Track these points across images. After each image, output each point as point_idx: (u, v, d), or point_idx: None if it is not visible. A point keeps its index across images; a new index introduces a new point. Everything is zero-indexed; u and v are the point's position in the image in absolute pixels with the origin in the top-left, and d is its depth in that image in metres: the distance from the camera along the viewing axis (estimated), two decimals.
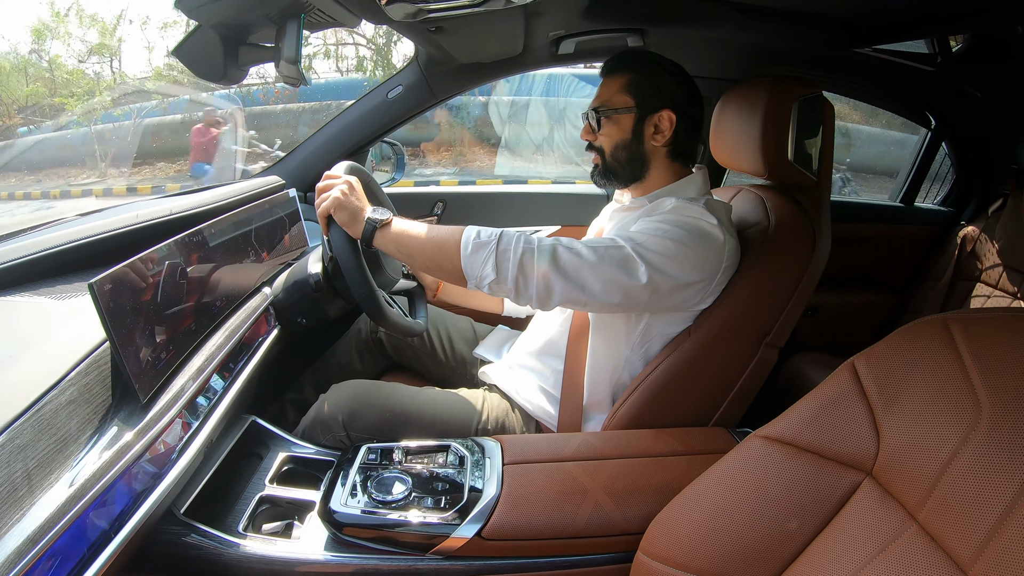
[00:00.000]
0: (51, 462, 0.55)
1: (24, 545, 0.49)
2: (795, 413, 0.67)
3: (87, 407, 0.61)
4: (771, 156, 1.01)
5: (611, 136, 1.04)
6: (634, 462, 0.88)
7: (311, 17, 0.91)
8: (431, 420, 1.07)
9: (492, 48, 1.37)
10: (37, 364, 0.59)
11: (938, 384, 0.57)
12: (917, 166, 1.98)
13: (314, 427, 1.06)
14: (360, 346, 1.37)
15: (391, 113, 1.53)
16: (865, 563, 0.56)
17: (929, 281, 1.85)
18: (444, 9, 0.88)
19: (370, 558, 0.78)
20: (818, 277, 1.00)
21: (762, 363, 0.99)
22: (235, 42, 0.95)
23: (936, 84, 1.64)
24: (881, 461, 0.60)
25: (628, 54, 1.07)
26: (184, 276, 0.80)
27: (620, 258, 0.89)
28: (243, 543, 0.78)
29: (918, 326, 0.62)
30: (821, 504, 0.63)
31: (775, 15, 1.17)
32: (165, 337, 0.73)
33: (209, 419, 0.78)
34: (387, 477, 0.83)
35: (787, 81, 1.01)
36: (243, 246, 1.01)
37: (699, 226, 0.93)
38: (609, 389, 1.06)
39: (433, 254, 0.92)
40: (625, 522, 0.80)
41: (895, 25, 1.18)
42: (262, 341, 1.00)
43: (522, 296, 0.90)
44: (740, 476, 0.68)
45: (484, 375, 1.21)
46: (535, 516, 0.79)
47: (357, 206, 0.94)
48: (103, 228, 0.86)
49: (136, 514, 0.62)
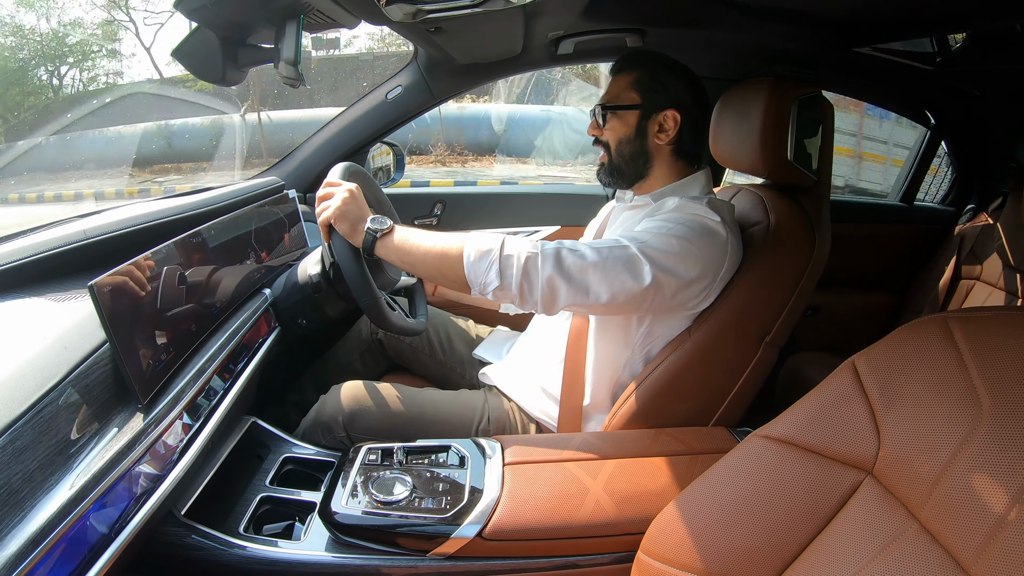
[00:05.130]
0: (51, 464, 0.55)
1: (25, 547, 0.48)
2: (795, 412, 0.67)
3: (87, 409, 0.61)
4: (771, 156, 1.01)
5: (616, 132, 1.05)
6: (635, 462, 0.88)
7: (310, 18, 0.91)
8: (431, 421, 1.07)
9: (491, 48, 1.37)
10: (37, 366, 0.59)
11: (939, 383, 0.57)
12: (917, 165, 1.98)
13: (314, 428, 1.06)
14: (361, 347, 1.37)
15: (391, 114, 1.53)
16: (866, 562, 0.56)
17: (929, 280, 1.85)
18: (443, 9, 0.88)
19: (371, 559, 0.78)
20: (818, 276, 1.00)
21: (762, 363, 0.99)
22: (234, 43, 0.95)
23: (936, 83, 1.64)
24: (882, 460, 0.60)
25: (638, 53, 1.08)
26: (184, 277, 0.80)
27: (625, 258, 0.89)
28: (244, 544, 0.78)
29: (918, 325, 0.62)
30: (822, 503, 0.62)
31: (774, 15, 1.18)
32: (165, 338, 0.73)
33: (209, 420, 0.78)
34: (388, 478, 0.83)
35: (786, 81, 1.01)
36: (243, 247, 1.01)
37: (703, 223, 0.93)
38: (609, 389, 1.06)
39: (436, 263, 0.91)
40: (626, 522, 0.80)
41: (894, 24, 1.18)
42: (262, 342, 1.00)
43: (527, 302, 0.90)
44: (741, 476, 0.68)
45: (484, 376, 1.21)
46: (536, 516, 0.79)
47: (357, 215, 0.93)
48: (103, 229, 0.86)
49: (137, 516, 0.62)
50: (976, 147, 1.90)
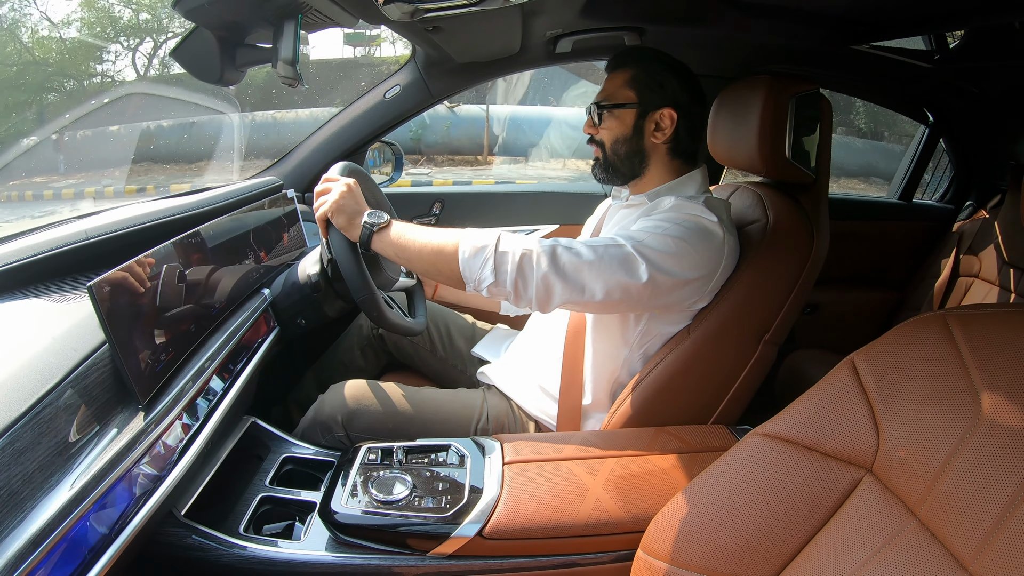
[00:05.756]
0: (51, 465, 0.55)
1: (25, 548, 0.48)
2: (795, 410, 0.67)
3: (87, 410, 0.61)
4: (768, 153, 1.01)
5: (612, 130, 1.04)
6: (634, 460, 0.88)
7: (308, 18, 0.91)
8: (431, 420, 1.07)
9: (490, 47, 1.37)
10: (36, 366, 0.59)
11: (938, 380, 0.57)
12: (915, 163, 1.98)
13: (313, 427, 1.06)
14: (362, 343, 1.37)
15: (389, 113, 1.53)
16: (866, 560, 0.57)
17: (928, 277, 1.86)
18: (441, 9, 0.88)
19: (371, 558, 0.78)
20: (817, 274, 1.00)
21: (761, 360, 0.99)
22: (232, 43, 0.95)
23: (934, 81, 1.64)
24: (881, 458, 0.60)
25: (634, 50, 1.07)
26: (183, 277, 0.80)
27: (620, 256, 0.89)
28: (244, 544, 0.78)
29: (917, 322, 0.62)
30: (821, 501, 0.63)
31: (772, 12, 1.18)
32: (164, 339, 0.73)
33: (209, 420, 0.78)
34: (387, 477, 0.83)
35: (784, 78, 1.01)
36: (242, 247, 1.01)
37: (699, 223, 0.93)
38: (608, 388, 1.06)
39: (431, 258, 0.91)
40: (626, 520, 0.80)
41: (892, 22, 1.18)
42: (261, 342, 1.00)
43: (521, 299, 0.90)
44: (740, 473, 0.68)
45: (483, 375, 1.21)
46: (536, 515, 0.79)
47: (355, 209, 0.94)
48: (101, 229, 0.85)
49: (137, 516, 0.62)
50: (974, 144, 1.90)
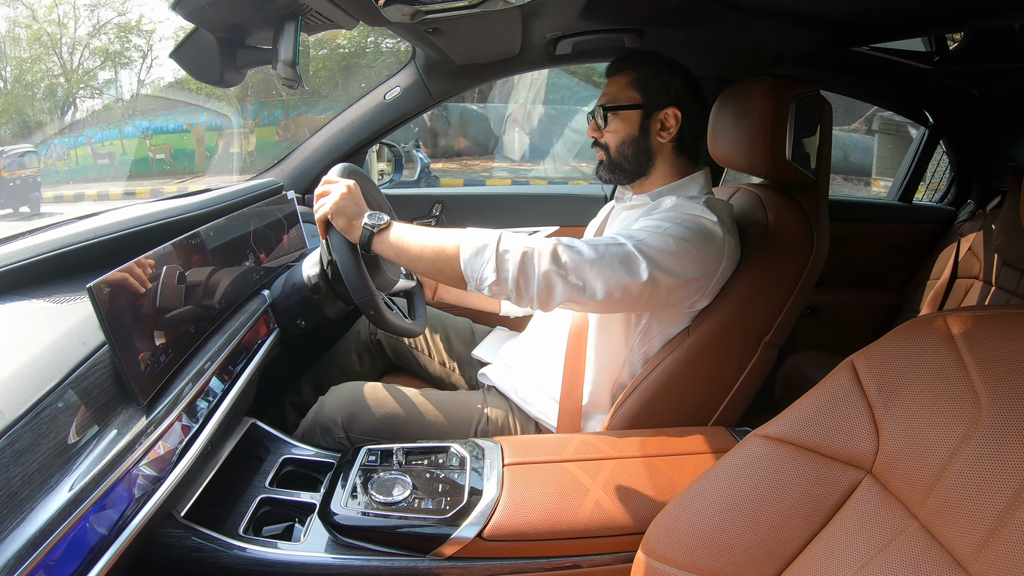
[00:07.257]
0: (50, 466, 0.55)
1: (24, 549, 0.48)
2: (795, 412, 0.67)
3: (87, 411, 0.61)
4: (769, 155, 1.02)
5: (617, 132, 1.05)
6: (634, 462, 0.88)
7: (308, 19, 0.91)
8: (430, 421, 1.07)
9: (490, 49, 1.37)
10: (36, 367, 0.59)
11: (937, 381, 0.57)
12: (915, 164, 1.98)
13: (313, 429, 1.06)
14: (360, 348, 1.37)
15: (389, 115, 1.53)
16: (866, 561, 0.56)
17: (928, 279, 1.86)
18: (441, 10, 0.88)
19: (371, 560, 0.78)
20: (817, 276, 1.00)
21: (761, 362, 0.99)
22: (232, 45, 0.95)
23: (933, 83, 1.64)
24: (881, 459, 0.60)
25: (634, 53, 1.08)
26: (183, 279, 0.80)
27: (621, 255, 0.89)
28: (243, 546, 0.78)
29: (917, 324, 0.62)
30: (821, 502, 0.62)
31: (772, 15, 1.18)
32: (164, 340, 0.73)
33: (209, 422, 0.78)
34: (387, 479, 0.83)
35: (784, 80, 1.01)
36: (241, 248, 1.01)
37: (700, 223, 0.93)
38: (608, 389, 1.06)
39: (432, 258, 0.91)
40: (625, 522, 0.80)
41: (892, 24, 1.18)
42: (261, 343, 1.00)
43: (523, 297, 0.90)
44: (740, 475, 0.68)
45: (483, 376, 1.21)
46: (535, 517, 0.79)
47: (355, 211, 0.94)
48: (101, 230, 0.85)
49: (136, 517, 0.62)
50: (974, 146, 1.90)
